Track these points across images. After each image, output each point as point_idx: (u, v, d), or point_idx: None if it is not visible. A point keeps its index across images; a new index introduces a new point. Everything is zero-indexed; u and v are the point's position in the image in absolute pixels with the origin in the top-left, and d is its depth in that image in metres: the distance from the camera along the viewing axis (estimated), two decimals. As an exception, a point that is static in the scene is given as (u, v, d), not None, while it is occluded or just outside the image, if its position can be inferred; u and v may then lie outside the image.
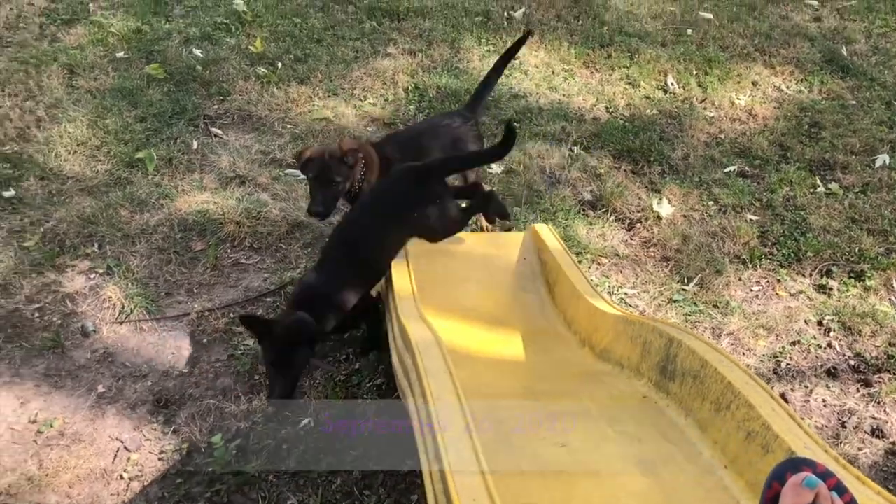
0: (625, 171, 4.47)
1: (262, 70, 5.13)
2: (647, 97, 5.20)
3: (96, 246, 3.72)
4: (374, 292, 3.28)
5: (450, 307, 2.91)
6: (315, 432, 2.97)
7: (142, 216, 3.91)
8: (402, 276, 2.78)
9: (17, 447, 2.87)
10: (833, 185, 4.43)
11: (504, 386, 2.19)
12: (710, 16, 6.20)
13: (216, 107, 4.80)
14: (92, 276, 3.56)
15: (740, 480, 1.61)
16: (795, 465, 1.20)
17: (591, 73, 5.44)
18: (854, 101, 5.30)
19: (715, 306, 3.63)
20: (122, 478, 2.80)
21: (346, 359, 3.29)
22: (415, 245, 3.17)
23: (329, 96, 4.97)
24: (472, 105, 3.76)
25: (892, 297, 3.70)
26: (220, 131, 4.59)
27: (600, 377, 2.28)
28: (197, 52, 5.27)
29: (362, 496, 2.78)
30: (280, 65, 5.20)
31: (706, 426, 1.79)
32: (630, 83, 5.33)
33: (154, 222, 3.87)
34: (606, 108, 5.06)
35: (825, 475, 1.18)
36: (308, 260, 3.75)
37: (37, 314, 3.39)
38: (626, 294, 3.66)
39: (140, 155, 4.25)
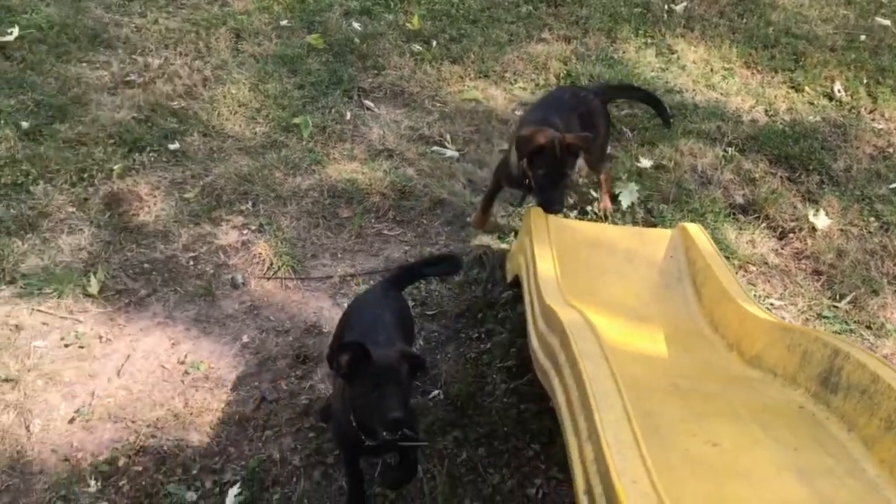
0: (781, 177, 4.27)
1: (417, 47, 5.20)
2: (811, 103, 4.95)
3: (250, 203, 3.89)
4: (509, 275, 3.28)
5: (591, 297, 2.87)
6: (444, 405, 3.00)
7: (294, 179, 4.05)
8: (545, 258, 2.75)
9: (166, 385, 3.05)
10: None
11: (649, 380, 2.14)
12: (887, 22, 5.82)
13: (370, 80, 4.90)
14: (244, 232, 3.73)
15: (911, 505, 1.52)
16: None
17: (752, 73, 5.22)
18: None
19: (868, 327, 3.43)
20: (259, 425, 2.92)
21: (478, 337, 3.31)
22: (558, 231, 3.14)
23: (480, 77, 4.99)
24: (611, 89, 3.77)
25: None
26: (372, 104, 4.69)
27: (750, 383, 2.20)
28: (356, 25, 5.40)
29: (486, 474, 2.80)
30: (435, 43, 5.25)
31: (872, 443, 1.69)
32: (793, 87, 5.08)
33: (305, 186, 4.00)
34: (766, 110, 4.84)
35: None
36: (447, 237, 3.79)
37: (191, 262, 3.58)
38: (771, 305, 3.50)
39: (296, 120, 4.40)
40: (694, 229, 3.20)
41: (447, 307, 3.40)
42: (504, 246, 3.62)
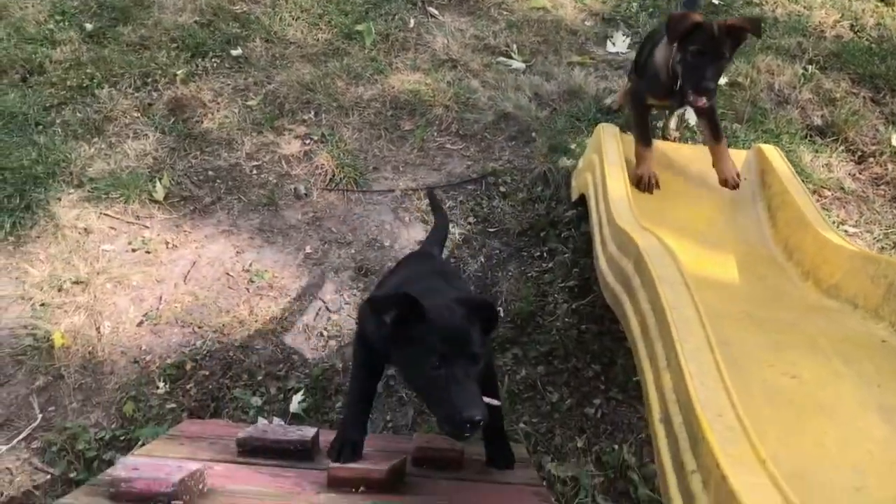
0: (864, 97, 4.06)
1: (484, -48, 5.01)
2: (901, 18, 4.66)
3: (312, 113, 3.84)
4: (574, 193, 3.20)
5: (661, 219, 2.79)
6: (504, 322, 2.99)
7: (356, 89, 3.98)
8: (617, 178, 2.67)
9: (231, 292, 3.09)
10: None
11: (724, 308, 2.08)
12: None
13: (435, -14, 4.76)
14: (307, 142, 3.70)
15: None
16: None
17: (840, -15, 4.92)
18: None
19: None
20: (321, 335, 2.96)
21: (540, 256, 3.26)
22: (627, 151, 3.05)
23: (549, -15, 4.79)
24: None
25: None
26: (436, 12, 4.55)
27: (828, 314, 2.13)
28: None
29: (545, 391, 2.80)
30: (503, -51, 5.05)
31: (963, 385, 1.63)
32: (882, 0, 4.78)
33: (367, 96, 3.93)
34: (851, 25, 4.57)
35: None
36: (511, 153, 3.71)
37: (255, 171, 3.57)
38: (846, 231, 3.38)
39: (359, 27, 4.30)
40: (770, 151, 3.07)
41: (509, 224, 3.35)
42: (570, 163, 3.52)
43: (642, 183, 2.95)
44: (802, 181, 3.40)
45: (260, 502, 1.63)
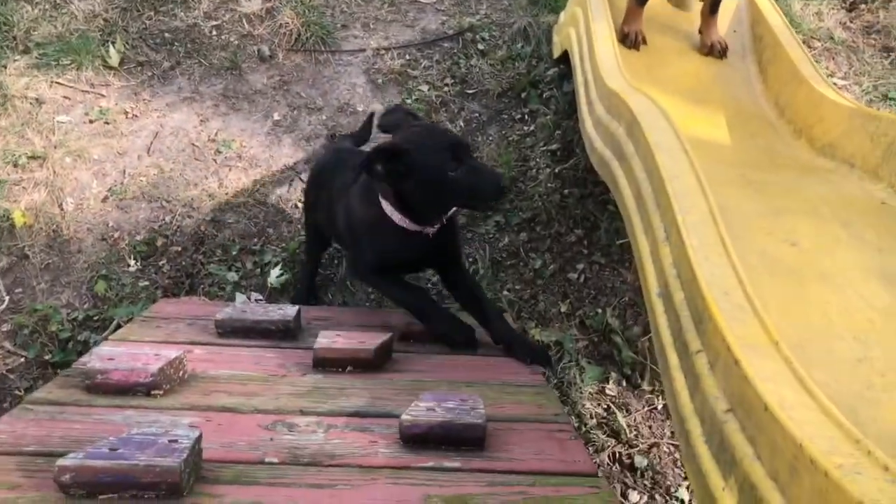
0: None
1: None
2: None
3: (272, -35, 3.57)
4: (556, 50, 3.04)
5: (648, 76, 2.66)
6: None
7: (318, -63, 3.68)
8: (604, 35, 2.51)
9: (198, 163, 2.94)
10: None
11: (717, 172, 1.98)
12: None
13: None
14: (268, -1, 3.45)
15: None
16: None
17: None
18: None
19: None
20: (296, 207, 2.85)
21: (521, 118, 3.14)
22: (616, 4, 2.87)
23: None
24: None
25: None
26: None
27: (824, 175, 2.05)
28: None
29: (528, 258, 2.76)
30: None
31: (967, 247, 1.58)
32: None
33: (331, -56, 3.65)
34: None
35: None
36: (488, 6, 3.49)
37: (214, 32, 3.34)
38: (834, 84, 3.25)
39: None
40: (762, 0, 2.91)
41: (489, 85, 3.19)
42: (552, 17, 3.33)
43: (628, 39, 2.77)
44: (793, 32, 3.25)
45: (243, 386, 1.58)
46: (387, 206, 1.91)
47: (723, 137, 2.38)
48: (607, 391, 2.49)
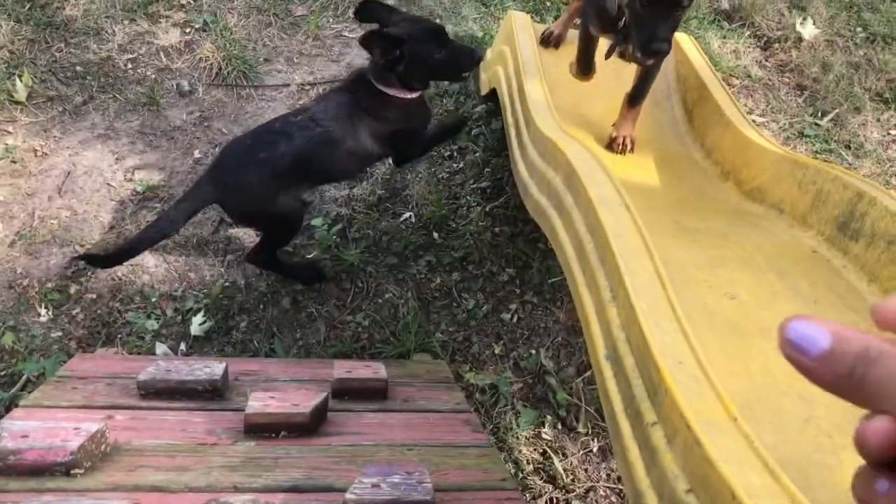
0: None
1: None
2: None
3: (191, -3, 3.45)
4: (484, 87, 3.03)
5: (577, 116, 2.66)
6: (416, 228, 2.85)
7: (239, -31, 3.59)
8: (533, 75, 2.50)
9: (113, 204, 2.80)
10: None
11: (651, 219, 1.98)
12: None
13: None
14: (187, 31, 3.32)
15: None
16: None
17: None
18: None
19: (847, 147, 3.34)
20: (219, 249, 2.74)
21: (450, 156, 3.10)
22: (543, 50, 2.88)
23: None
24: None
25: None
26: None
27: (755, 220, 2.08)
28: None
29: (460, 298, 2.72)
30: None
31: (897, 298, 1.61)
32: None
33: (252, -23, 3.56)
34: None
35: None
36: (414, 41, 3.45)
37: (130, 65, 3.20)
38: (754, 121, 3.35)
39: None
40: (685, 41, 2.96)
41: (417, 121, 3.15)
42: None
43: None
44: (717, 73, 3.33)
45: (171, 459, 1.48)
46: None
47: (653, 181, 2.40)
48: (543, 435, 2.46)
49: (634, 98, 2.50)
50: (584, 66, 2.67)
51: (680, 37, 2.96)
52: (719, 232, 1.93)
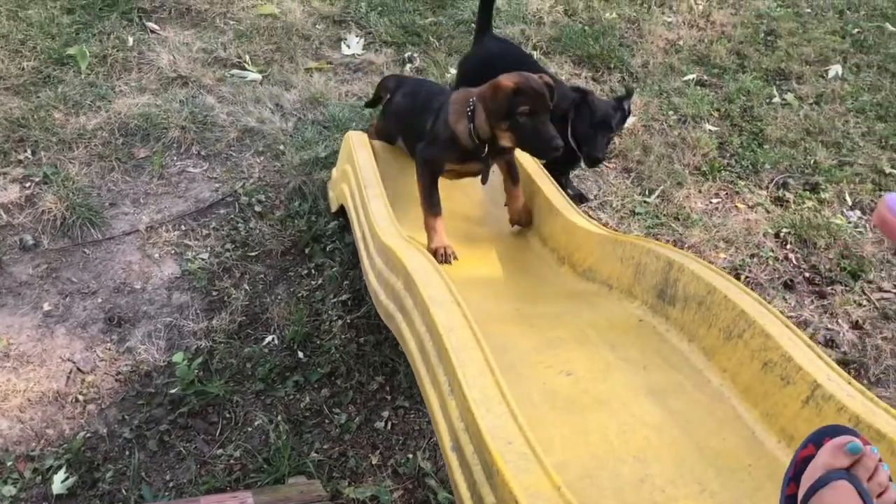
0: (585, 77, 4.35)
1: (198, -42, 4.74)
2: (606, 0, 5.04)
3: (29, 152, 3.43)
4: (333, 205, 3.15)
5: (419, 221, 2.80)
6: (279, 350, 2.87)
7: (78, 119, 3.61)
8: (374, 189, 2.63)
9: (-42, 372, 2.69)
10: (789, 96, 4.42)
11: (494, 310, 2.11)
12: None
13: (150, -1, 4.43)
14: (27, 185, 3.29)
15: (754, 410, 1.60)
16: (837, 431, 1.17)
17: (548, -28, 5.23)
18: (809, 10, 5.26)
19: (676, 219, 3.62)
20: (77, 400, 2.67)
21: (308, 274, 3.16)
22: (380, 155, 3.03)
23: (273, -11, 4.65)
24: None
25: (845, 210, 3.76)
26: (156, 26, 4.24)
27: (588, 298, 2.23)
28: (125, -64, 4.82)
29: (332, 414, 2.73)
30: (217, -47, 4.81)
31: (713, 354, 1.76)
32: (588, -17, 5.15)
33: (92, 126, 3.58)
34: (565, 10, 4.88)
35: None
36: (261, 169, 3.55)
37: (-32, 226, 3.13)
38: (588, 206, 3.60)
39: (71, 51, 3.90)
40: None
41: (271, 245, 3.21)
42: (325, 174, 3.44)
43: (439, 255, 2.57)
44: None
45: None
46: None
47: (498, 273, 2.54)
48: (430, 537, 2.46)
49: (515, 179, 2.85)
50: (434, 206, 2.66)
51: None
52: (555, 314, 2.06)
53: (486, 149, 2.62)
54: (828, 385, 1.44)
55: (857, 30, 5.08)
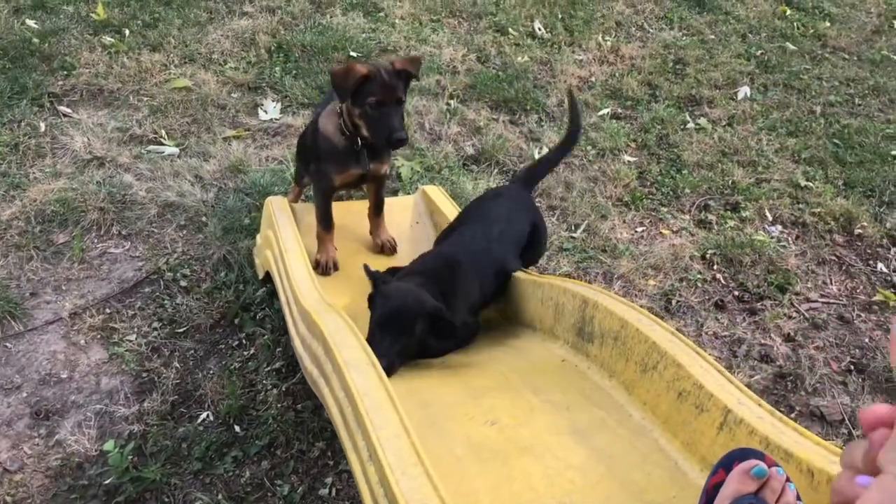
0: (503, 122, 4.43)
1: (108, 39, 4.73)
2: (517, 44, 5.17)
3: (-59, 250, 3.35)
4: (260, 271, 3.13)
5: (344, 282, 2.80)
6: (215, 426, 2.81)
7: (-9, 211, 3.54)
8: (295, 254, 2.62)
9: None
10: (702, 121, 4.57)
11: (420, 364, 2.11)
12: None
13: (61, 83, 4.39)
14: (-60, 284, 3.20)
15: (675, 441, 1.61)
16: (745, 454, 1.19)
17: (459, 22, 5.35)
18: (713, 36, 5.47)
19: (604, 251, 3.68)
20: (6, 502, 2.56)
21: (239, 345, 3.12)
22: (302, 218, 3.03)
23: (186, 63, 4.65)
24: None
25: (766, 225, 3.87)
26: (68, 110, 4.20)
27: (514, 342, 2.24)
28: (31, 22, 4.79)
29: (274, 486, 2.67)
30: (128, 32, 4.81)
31: (632, 387, 1.78)
32: (498, 31, 5.27)
33: (6, 217, 3.51)
34: (478, 57, 4.99)
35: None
36: (184, 243, 3.51)
37: None
38: (518, 247, 3.64)
39: (-21, 143, 3.84)
40: (433, 191, 3.21)
41: (199, 319, 3.16)
42: (249, 242, 3.42)
43: (320, 267, 2.96)
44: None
45: None
46: None
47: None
48: None
49: (379, 207, 3.08)
50: (327, 221, 2.99)
51: (428, 188, 3.21)
52: (480, 362, 2.06)
53: (360, 143, 2.78)
54: (738, 409, 1.46)
55: (760, 51, 5.29)
